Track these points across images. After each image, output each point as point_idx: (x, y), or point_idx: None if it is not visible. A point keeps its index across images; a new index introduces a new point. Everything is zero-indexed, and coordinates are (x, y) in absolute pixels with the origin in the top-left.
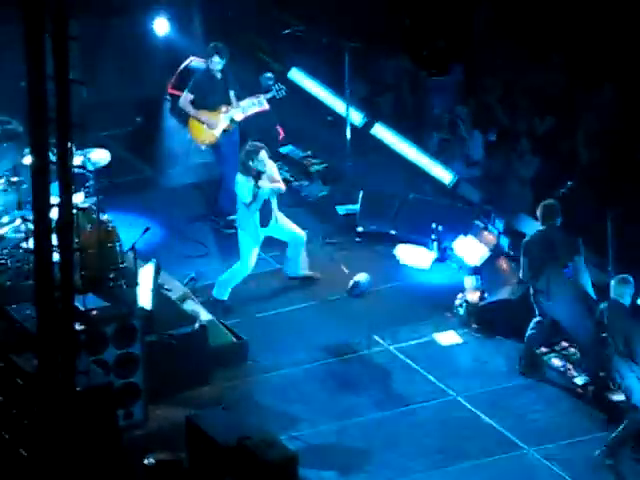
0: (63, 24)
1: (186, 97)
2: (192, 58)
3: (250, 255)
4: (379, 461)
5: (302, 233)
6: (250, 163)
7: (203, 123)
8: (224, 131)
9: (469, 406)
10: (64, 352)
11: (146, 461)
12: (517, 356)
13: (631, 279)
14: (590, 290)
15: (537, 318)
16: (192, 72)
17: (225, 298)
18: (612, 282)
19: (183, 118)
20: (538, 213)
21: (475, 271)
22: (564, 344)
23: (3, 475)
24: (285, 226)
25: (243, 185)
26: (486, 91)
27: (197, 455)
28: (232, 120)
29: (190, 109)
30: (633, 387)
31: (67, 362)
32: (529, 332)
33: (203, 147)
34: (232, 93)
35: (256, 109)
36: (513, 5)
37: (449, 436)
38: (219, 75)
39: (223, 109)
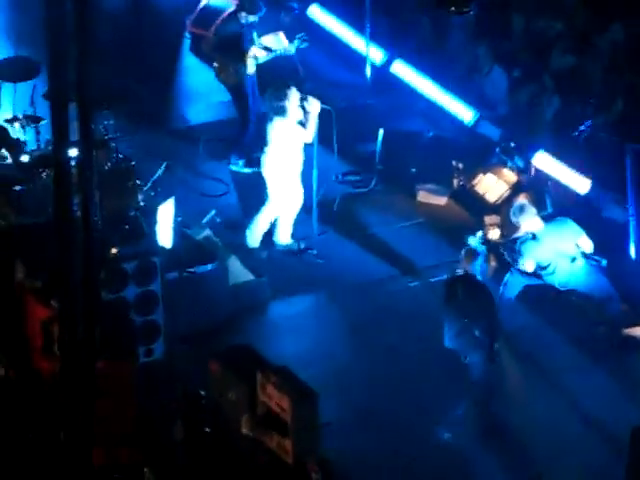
0: None
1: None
2: None
3: None
4: None
5: None
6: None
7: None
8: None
9: None
10: (86, 294)
11: None
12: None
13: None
14: None
15: None
16: (212, 10)
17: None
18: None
19: (204, 57)
20: None
21: (495, 209)
22: None
23: None
24: None
25: None
26: (506, 28)
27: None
28: (255, 57)
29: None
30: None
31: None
32: None
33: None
34: (255, 34)
35: (276, 45)
36: None
37: None
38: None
39: (250, 53)
